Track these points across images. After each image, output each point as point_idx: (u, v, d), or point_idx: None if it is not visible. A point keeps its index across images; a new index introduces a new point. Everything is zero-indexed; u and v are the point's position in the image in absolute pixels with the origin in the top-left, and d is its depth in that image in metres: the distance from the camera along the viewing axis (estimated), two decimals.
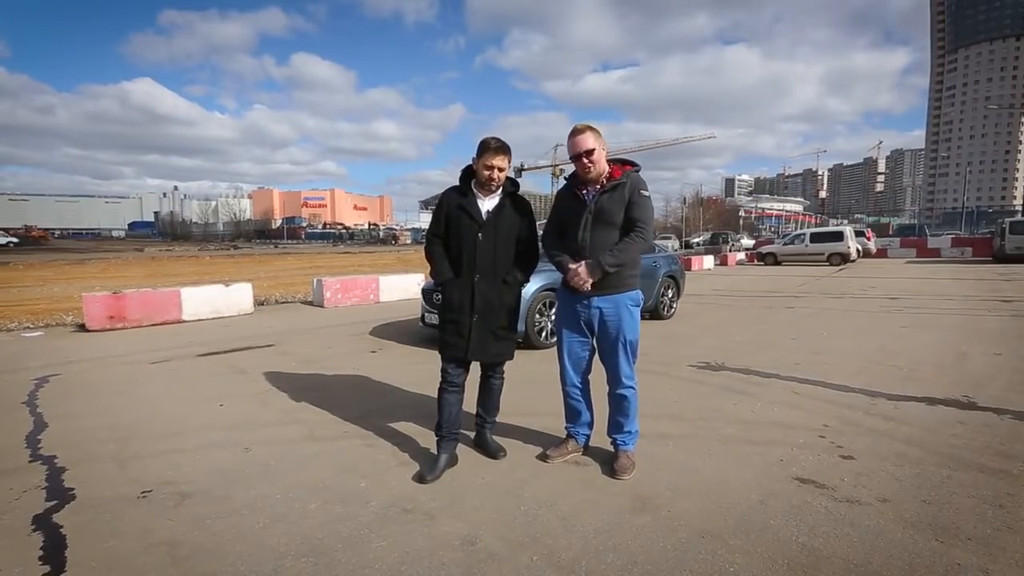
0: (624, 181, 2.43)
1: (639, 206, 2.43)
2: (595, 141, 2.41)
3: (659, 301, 7.25)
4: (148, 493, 2.33)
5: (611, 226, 2.42)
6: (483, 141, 2.65)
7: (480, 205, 2.68)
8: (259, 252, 37.24)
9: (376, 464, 2.66)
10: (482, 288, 2.65)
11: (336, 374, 4.52)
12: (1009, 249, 17.95)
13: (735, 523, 2.08)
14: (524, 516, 2.14)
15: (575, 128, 2.45)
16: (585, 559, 1.84)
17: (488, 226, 2.65)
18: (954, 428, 3.10)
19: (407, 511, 2.17)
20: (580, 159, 2.42)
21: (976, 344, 5.38)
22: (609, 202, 2.42)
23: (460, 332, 2.67)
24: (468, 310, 2.66)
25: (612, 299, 2.47)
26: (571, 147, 2.46)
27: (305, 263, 23.48)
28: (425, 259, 2.96)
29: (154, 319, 7.29)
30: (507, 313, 2.73)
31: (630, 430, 2.60)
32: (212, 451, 2.81)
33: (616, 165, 2.51)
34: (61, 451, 2.81)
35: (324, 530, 2.02)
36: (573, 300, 2.54)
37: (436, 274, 2.78)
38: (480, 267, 2.65)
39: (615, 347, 2.51)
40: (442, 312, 2.79)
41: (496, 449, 2.75)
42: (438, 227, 2.79)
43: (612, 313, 2.48)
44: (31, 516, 2.14)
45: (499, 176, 2.62)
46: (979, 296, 9.36)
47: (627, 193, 2.41)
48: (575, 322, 2.57)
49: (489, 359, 2.76)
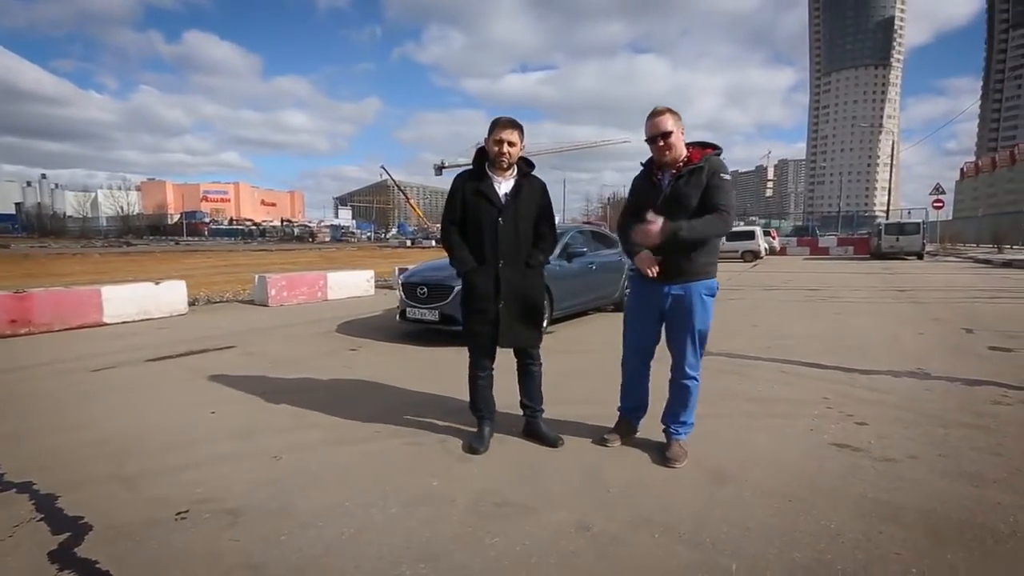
0: (702, 165, 2.33)
1: (720, 190, 2.32)
2: (673, 124, 2.34)
3: (624, 294, 7.53)
4: (185, 514, 1.99)
5: (687, 212, 2.34)
6: (494, 119, 2.63)
7: (497, 188, 2.63)
8: (159, 250, 33.36)
9: (433, 461, 2.50)
10: (507, 274, 2.61)
11: (327, 375, 4.17)
12: (884, 248, 20.89)
13: (809, 486, 2.23)
14: (620, 498, 2.12)
15: (654, 110, 2.38)
16: (703, 531, 1.87)
17: (508, 209, 2.61)
18: (925, 395, 3.55)
19: (500, 505, 2.06)
20: (656, 141, 2.36)
21: (900, 326, 6.19)
22: (686, 187, 2.34)
23: (488, 320, 2.62)
24: (494, 297, 2.61)
25: (686, 287, 2.41)
26: (648, 128, 2.38)
27: (219, 261, 21.38)
28: (443, 248, 2.85)
29: (68, 322, 6.26)
30: (533, 297, 2.73)
31: (686, 420, 2.58)
32: (236, 462, 2.47)
33: (695, 148, 2.42)
34: (36, 475, 2.32)
35: (424, 533, 1.86)
36: (645, 285, 2.50)
37: (458, 263, 2.69)
38: (503, 252, 2.61)
39: (683, 336, 2.47)
40: (467, 302, 2.71)
41: (554, 438, 2.69)
42: (454, 213, 2.70)
43: (685, 301, 2.42)
44: (45, 552, 1.75)
45: (510, 152, 2.58)
46: (879, 287, 10.78)
47: (705, 178, 2.32)
48: (645, 307, 2.54)
49: (521, 345, 2.74)
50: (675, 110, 2.38)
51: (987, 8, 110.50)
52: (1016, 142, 73.12)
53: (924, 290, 10.01)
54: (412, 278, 5.61)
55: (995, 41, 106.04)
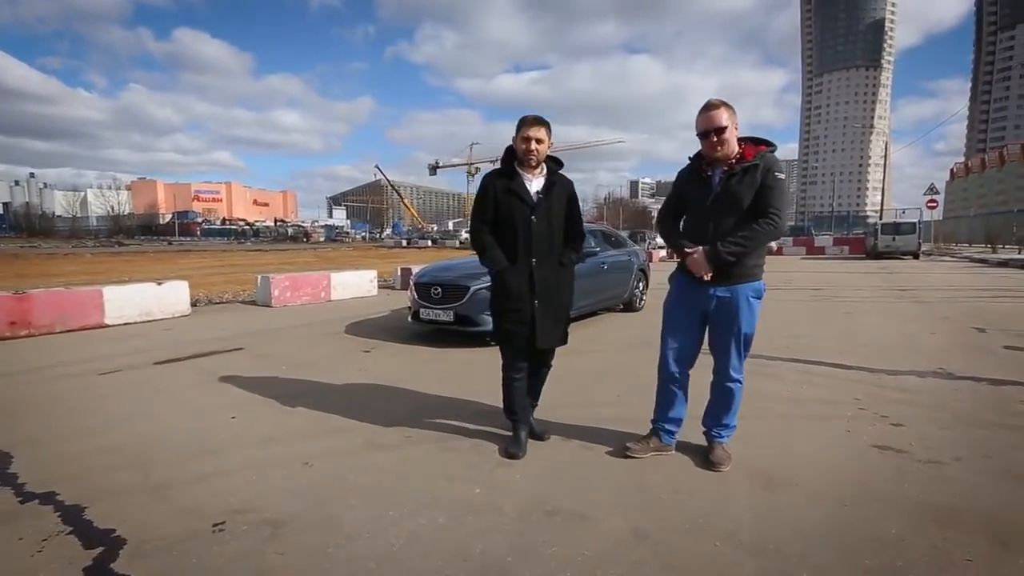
0: (757, 163, 2.20)
1: (774, 191, 2.20)
2: (728, 119, 2.20)
3: (633, 294, 7.47)
4: (222, 525, 1.90)
5: (738, 212, 2.22)
6: (521, 117, 2.61)
7: (528, 186, 2.61)
8: (152, 250, 32.93)
9: (471, 467, 2.42)
10: (541, 273, 2.59)
11: (342, 378, 4.07)
12: (881, 247, 21.04)
13: (860, 490, 2.18)
14: (671, 505, 2.06)
15: (708, 103, 2.24)
16: (764, 538, 1.81)
17: (540, 207, 2.59)
18: (954, 395, 3.52)
19: (551, 513, 1.99)
20: (709, 137, 2.21)
21: (911, 326, 6.19)
22: (738, 186, 2.21)
23: (523, 320, 2.58)
24: (528, 296, 2.57)
25: (732, 289, 2.31)
26: (700, 123, 2.24)
27: (216, 262, 21.12)
28: (472, 247, 2.79)
29: (70, 324, 6.11)
30: (566, 296, 2.72)
31: (728, 423, 2.50)
32: (266, 470, 2.38)
33: (748, 144, 2.27)
34: (58, 485, 2.21)
35: (477, 544, 1.79)
36: (689, 287, 2.39)
37: (491, 262, 2.65)
38: (536, 250, 2.58)
39: (728, 339, 2.38)
40: (499, 301, 2.67)
41: (541, 431, 2.74)
42: (485, 213, 2.67)
43: (731, 304, 2.32)
44: (80, 569, 1.65)
45: (538, 149, 2.56)
46: (881, 287, 10.82)
47: (759, 176, 2.19)
48: (688, 310, 2.44)
49: (554, 344, 2.72)
50: (730, 103, 2.24)
51: (976, 10, 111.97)
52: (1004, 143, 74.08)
53: (926, 289, 10.06)
54: (425, 278, 5.51)
55: (983, 43, 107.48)
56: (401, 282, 11.24)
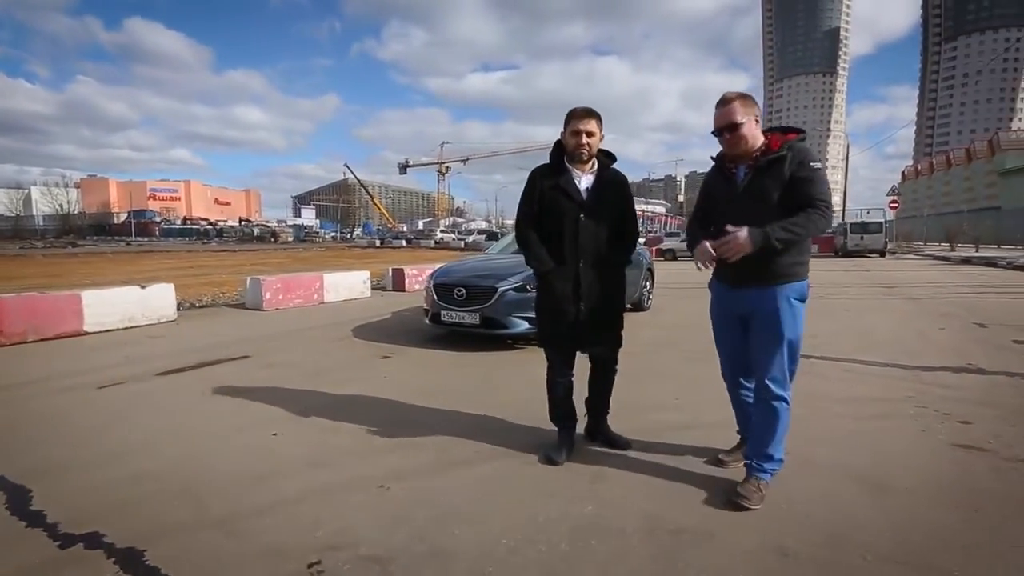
0: (783, 154, 1.97)
1: (813, 182, 1.95)
2: (743, 114, 1.99)
3: (642, 293, 7.39)
4: (318, 566, 1.66)
5: (765, 209, 1.97)
6: (570, 110, 2.48)
7: (578, 183, 2.46)
8: (110, 251, 31.08)
9: (564, 482, 2.24)
10: (588, 275, 2.45)
11: (372, 388, 3.78)
12: (850, 246, 21.91)
13: (965, 493, 2.13)
14: (797, 515, 1.95)
15: (723, 97, 2.05)
16: (904, 549, 1.73)
17: (589, 206, 2.45)
18: (999, 390, 3.57)
19: (676, 532, 1.83)
20: (722, 135, 2.04)
21: (915, 322, 6.35)
22: (764, 180, 1.99)
23: (567, 323, 2.45)
24: (574, 299, 2.44)
25: (771, 291, 2.03)
26: (715, 120, 2.05)
27: (183, 263, 20.05)
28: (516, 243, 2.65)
29: (44, 332, 5.57)
30: (616, 298, 2.58)
31: (772, 454, 2.08)
32: (340, 495, 2.13)
33: (775, 134, 2.05)
34: (99, 525, 1.90)
35: (616, 570, 1.62)
36: (725, 292, 2.20)
37: (536, 261, 2.52)
38: (583, 251, 2.44)
39: (767, 347, 2.06)
40: (543, 303, 2.55)
41: (625, 442, 2.60)
42: (531, 209, 2.53)
43: (769, 307, 2.04)
44: None
45: (589, 143, 2.42)
46: (865, 284, 11.19)
47: (788, 169, 1.95)
48: (729, 316, 2.23)
49: (602, 348, 2.58)
50: (748, 94, 2.04)
51: (922, 22, 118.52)
52: (950, 148, 78.66)
53: (908, 286, 10.44)
54: (446, 279, 5.27)
55: (929, 53, 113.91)
56: (393, 283, 10.90)
